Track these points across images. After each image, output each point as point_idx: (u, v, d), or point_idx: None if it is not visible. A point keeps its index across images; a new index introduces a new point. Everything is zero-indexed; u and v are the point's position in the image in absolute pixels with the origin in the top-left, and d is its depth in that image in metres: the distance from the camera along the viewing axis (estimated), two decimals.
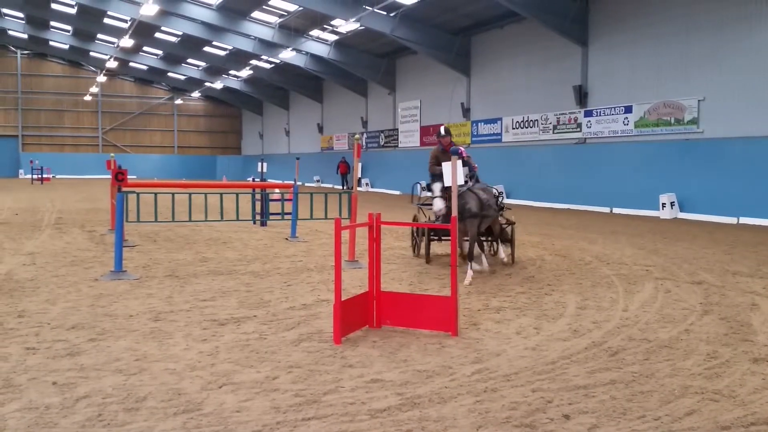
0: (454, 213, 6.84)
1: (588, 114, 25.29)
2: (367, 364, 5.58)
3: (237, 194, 16.29)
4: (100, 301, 7.93)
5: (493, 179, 27.09)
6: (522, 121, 28.77)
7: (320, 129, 49.71)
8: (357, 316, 6.64)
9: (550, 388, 4.99)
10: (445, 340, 6.29)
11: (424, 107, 36.14)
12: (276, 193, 19.14)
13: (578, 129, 25.79)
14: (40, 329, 6.65)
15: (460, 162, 7.31)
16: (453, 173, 6.76)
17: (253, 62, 45.45)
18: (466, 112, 32.34)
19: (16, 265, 10.54)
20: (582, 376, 5.28)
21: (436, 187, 9.73)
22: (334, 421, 4.35)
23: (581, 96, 25.39)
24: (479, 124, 31.46)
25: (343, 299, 6.31)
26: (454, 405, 4.64)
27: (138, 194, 12.89)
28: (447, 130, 11.04)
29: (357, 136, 11.63)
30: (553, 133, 27.05)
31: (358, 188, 11.05)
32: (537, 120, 27.89)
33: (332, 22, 34.15)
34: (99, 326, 6.77)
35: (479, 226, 9.97)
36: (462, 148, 10.17)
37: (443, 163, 8.45)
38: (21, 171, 57.84)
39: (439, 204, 9.64)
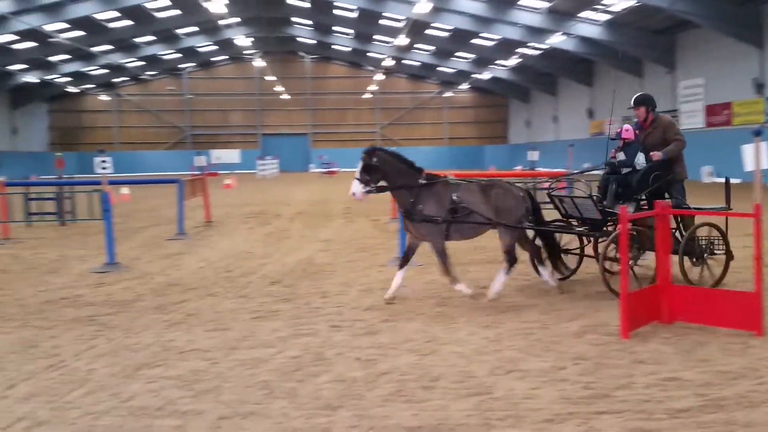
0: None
1: None
2: (660, 361, 5.30)
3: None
4: (389, 285, 8.51)
5: None
6: None
7: (590, 114, 47.96)
8: (645, 310, 6.33)
9: None
10: (750, 340, 5.73)
11: (709, 85, 33.09)
12: (545, 182, 18.86)
13: None
14: (341, 309, 7.34)
15: (766, 144, 6.54)
16: (757, 158, 6.11)
17: (521, 50, 45.26)
18: (759, 87, 28.94)
19: (314, 251, 11.73)
20: None
21: (358, 165, 7.54)
22: (630, 418, 4.21)
23: None
24: None
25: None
26: (766, 411, 4.22)
27: None
28: (641, 99, 8.46)
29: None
30: None
31: None
32: None
33: (604, 2, 32.68)
34: (390, 308, 7.28)
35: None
36: (629, 126, 8.49)
37: (743, 147, 7.46)
38: (311, 165, 63.99)
39: (354, 186, 7.46)
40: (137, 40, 50.65)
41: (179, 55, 58.93)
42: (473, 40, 46.65)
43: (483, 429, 4.11)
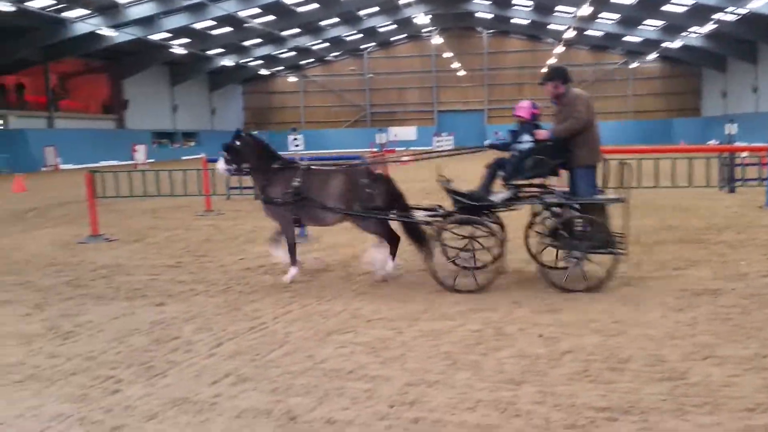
0: None
1: None
2: None
3: (690, 159, 15.26)
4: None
5: None
6: None
7: None
8: None
9: None
10: None
11: None
12: (745, 157, 17.36)
13: None
14: (521, 285, 7.29)
15: None
16: None
17: (716, 16, 41.74)
18: None
19: None
20: None
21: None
22: None
23: None
24: None
25: None
26: None
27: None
28: (552, 73, 7.47)
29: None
30: None
31: None
32: None
33: None
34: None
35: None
36: (524, 103, 7.57)
37: None
38: (486, 141, 63.56)
39: (219, 163, 8.12)
40: (323, 23, 52.88)
41: (360, 35, 60.76)
42: (663, 7, 43.81)
43: (677, 415, 3.94)
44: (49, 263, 9.51)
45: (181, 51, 47.18)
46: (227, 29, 48.20)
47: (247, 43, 54.52)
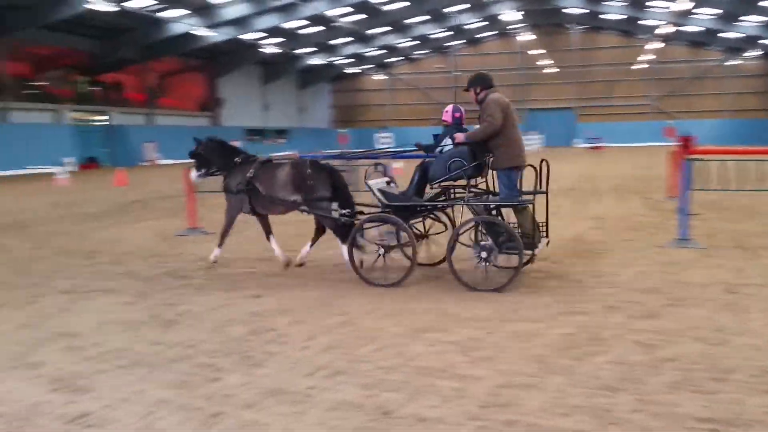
0: None
1: None
2: None
3: None
4: (669, 268, 8.05)
5: None
6: None
7: None
8: None
9: None
10: None
11: None
12: None
13: None
14: (617, 290, 7.09)
15: None
16: None
17: None
18: None
19: (585, 229, 11.44)
20: None
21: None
22: None
23: None
24: None
25: None
26: None
27: (704, 161, 12.45)
28: (473, 79, 7.71)
29: None
30: None
31: None
32: None
33: None
34: (672, 292, 6.88)
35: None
36: (449, 108, 8.09)
37: None
38: (575, 140, 62.14)
39: (192, 172, 9.16)
40: (410, 20, 53.00)
41: (448, 33, 60.53)
42: (765, 2, 41.52)
43: None
44: (151, 254, 9.96)
45: (273, 50, 48.31)
46: (317, 28, 49.02)
47: (335, 42, 55.28)
